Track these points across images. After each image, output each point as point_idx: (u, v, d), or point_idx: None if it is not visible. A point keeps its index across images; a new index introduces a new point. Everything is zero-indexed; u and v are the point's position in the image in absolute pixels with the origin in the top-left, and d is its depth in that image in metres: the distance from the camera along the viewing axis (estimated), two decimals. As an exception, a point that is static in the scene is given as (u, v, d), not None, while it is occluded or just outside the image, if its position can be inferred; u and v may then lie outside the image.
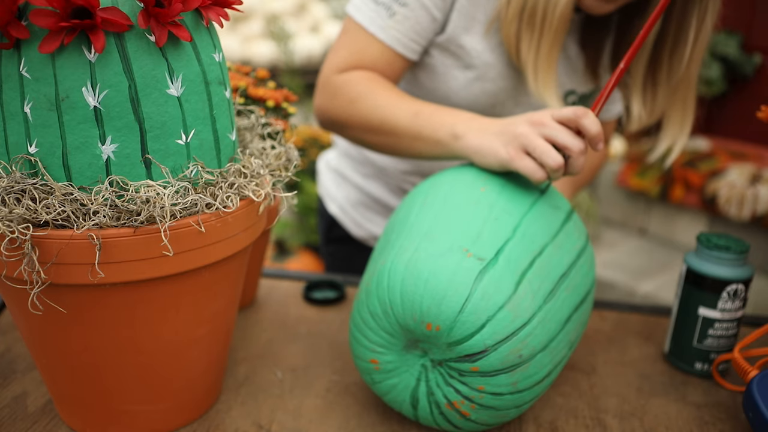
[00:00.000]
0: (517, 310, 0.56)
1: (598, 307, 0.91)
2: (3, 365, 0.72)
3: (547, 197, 0.67)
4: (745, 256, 0.72)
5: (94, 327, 0.54)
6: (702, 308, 0.72)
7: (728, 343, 0.73)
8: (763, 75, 2.66)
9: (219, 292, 0.59)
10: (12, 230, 0.48)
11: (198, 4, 0.51)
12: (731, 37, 2.68)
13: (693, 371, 0.75)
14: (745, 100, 2.70)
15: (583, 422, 0.66)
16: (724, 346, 0.73)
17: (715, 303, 0.71)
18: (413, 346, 0.60)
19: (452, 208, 0.63)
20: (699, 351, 0.74)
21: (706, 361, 0.74)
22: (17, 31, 0.47)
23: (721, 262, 0.71)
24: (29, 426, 0.62)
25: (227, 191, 0.55)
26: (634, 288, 2.35)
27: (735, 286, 0.71)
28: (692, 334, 0.74)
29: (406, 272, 0.58)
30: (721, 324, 0.72)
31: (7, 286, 0.53)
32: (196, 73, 0.53)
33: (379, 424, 0.65)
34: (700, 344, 0.73)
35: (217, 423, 0.64)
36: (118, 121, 0.49)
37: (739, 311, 0.72)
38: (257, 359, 0.75)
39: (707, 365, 0.74)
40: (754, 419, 0.59)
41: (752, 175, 2.36)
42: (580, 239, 0.66)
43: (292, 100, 0.74)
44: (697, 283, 0.73)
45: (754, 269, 0.72)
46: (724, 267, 0.71)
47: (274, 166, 0.62)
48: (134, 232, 0.50)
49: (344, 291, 0.91)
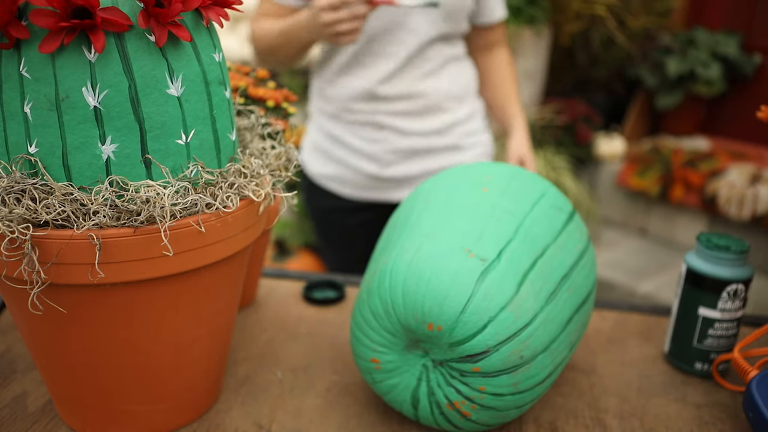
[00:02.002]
0: (519, 311, 0.56)
1: (598, 307, 0.91)
2: (3, 365, 0.72)
3: (549, 197, 0.67)
4: (745, 256, 0.72)
5: (94, 327, 0.54)
6: (702, 308, 0.72)
7: (728, 343, 0.73)
8: (763, 75, 2.66)
9: (219, 292, 0.59)
10: (12, 230, 0.48)
11: (198, 4, 0.51)
12: (731, 37, 2.68)
13: (693, 371, 0.75)
14: (745, 100, 2.70)
15: (583, 422, 0.66)
16: (724, 346, 0.73)
17: (715, 303, 0.71)
18: (414, 346, 0.60)
19: (454, 208, 0.63)
20: (699, 351, 0.74)
21: (706, 361, 0.74)
22: (17, 31, 0.47)
23: (721, 262, 0.71)
24: (29, 426, 0.62)
25: (227, 191, 0.55)
26: (634, 288, 2.35)
27: (735, 286, 0.71)
28: (692, 334, 0.74)
29: (408, 272, 0.58)
30: (721, 324, 0.72)
31: (7, 286, 0.53)
32: (196, 73, 0.53)
33: (379, 424, 0.65)
34: (700, 344, 0.73)
35: (217, 423, 0.64)
36: (118, 121, 0.49)
37: (739, 311, 0.72)
38: (257, 359, 0.75)
39: (707, 365, 0.74)
40: (754, 419, 0.59)
41: (752, 175, 2.36)
42: (582, 240, 0.66)
43: (292, 100, 0.74)
44: (697, 283, 0.73)
45: (754, 269, 0.72)
46: (724, 267, 0.71)
47: (274, 166, 0.62)
48: (134, 232, 0.50)
49: (344, 291, 0.91)
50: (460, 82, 1.25)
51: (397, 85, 1.19)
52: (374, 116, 1.21)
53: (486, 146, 1.33)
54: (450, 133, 1.25)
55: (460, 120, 1.26)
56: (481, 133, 1.32)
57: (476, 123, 1.31)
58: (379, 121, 1.21)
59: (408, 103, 1.20)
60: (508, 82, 1.33)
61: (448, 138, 1.25)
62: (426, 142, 1.23)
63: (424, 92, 1.20)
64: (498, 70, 1.33)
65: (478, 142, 1.31)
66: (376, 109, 1.21)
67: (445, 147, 1.26)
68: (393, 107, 1.20)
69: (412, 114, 1.21)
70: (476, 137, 1.30)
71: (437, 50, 1.19)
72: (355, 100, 1.21)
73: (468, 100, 1.28)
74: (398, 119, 1.21)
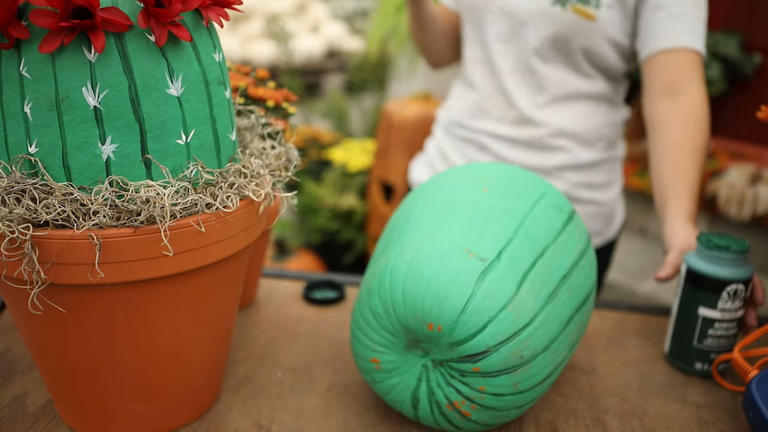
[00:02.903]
0: (519, 311, 0.56)
1: (598, 307, 0.91)
2: (3, 365, 0.72)
3: (549, 198, 0.67)
4: (745, 256, 0.72)
5: (94, 327, 0.54)
6: (702, 308, 0.72)
7: (728, 343, 0.73)
8: (763, 75, 2.66)
9: (219, 292, 0.59)
10: (12, 230, 0.48)
11: (198, 4, 0.51)
12: (731, 37, 2.68)
13: (693, 371, 0.75)
14: (745, 100, 2.70)
15: (583, 422, 0.66)
16: (724, 346, 0.73)
17: (715, 303, 0.71)
18: (414, 346, 0.60)
19: (454, 208, 0.63)
20: (699, 351, 0.74)
21: (706, 361, 0.74)
22: (17, 31, 0.47)
23: (721, 262, 0.71)
24: (29, 426, 0.62)
25: (227, 191, 0.55)
26: (634, 288, 2.35)
27: (735, 286, 0.71)
28: (692, 334, 0.74)
29: (408, 272, 0.58)
30: (721, 324, 0.72)
31: (7, 286, 0.53)
32: (196, 73, 0.53)
33: (379, 424, 0.65)
34: (700, 344, 0.73)
35: (217, 423, 0.64)
36: (118, 121, 0.49)
37: (739, 311, 0.72)
38: (257, 359, 0.75)
39: (707, 365, 0.74)
40: (754, 419, 0.59)
41: (752, 175, 2.36)
42: (582, 240, 0.66)
43: (292, 100, 0.74)
44: (697, 283, 0.73)
45: (754, 269, 0.72)
46: (723, 267, 0.71)
47: (274, 166, 0.62)
48: (134, 232, 0.50)
49: (344, 291, 0.91)
50: (590, 123, 1.05)
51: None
52: (478, 135, 1.10)
53: (604, 207, 1.10)
54: (560, 177, 1.06)
55: (578, 165, 1.06)
56: (604, 189, 1.10)
57: (600, 176, 1.08)
58: (482, 141, 1.09)
59: (516, 129, 1.06)
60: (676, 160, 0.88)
61: (556, 183, 1.06)
62: None
63: (535, 120, 1.04)
64: (664, 136, 0.90)
65: (595, 200, 1.09)
66: (482, 128, 1.09)
67: None
68: (499, 129, 1.07)
69: (517, 142, 1.07)
70: (594, 192, 1.08)
71: (563, 78, 1.02)
72: (466, 114, 1.12)
73: (598, 146, 1.06)
74: (503, 145, 1.08)
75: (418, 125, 2.28)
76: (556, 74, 1.02)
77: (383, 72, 3.19)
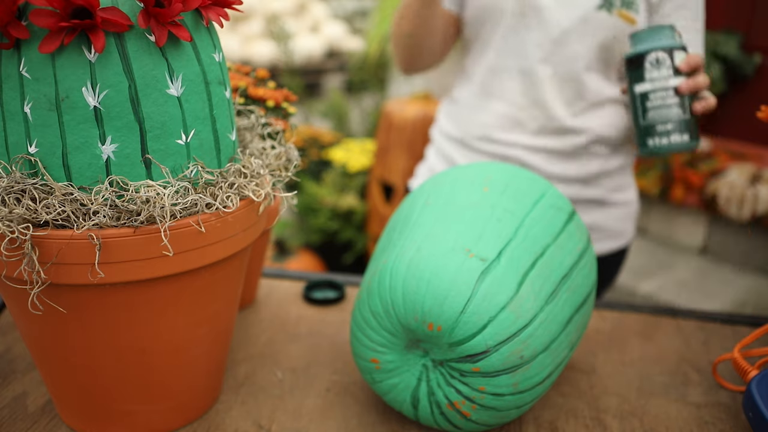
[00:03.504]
0: (519, 311, 0.56)
1: (598, 307, 0.91)
2: (3, 365, 0.72)
3: (549, 197, 0.67)
4: (667, 30, 0.78)
5: (94, 327, 0.54)
6: (636, 86, 0.79)
7: (672, 114, 0.79)
8: (763, 75, 2.66)
9: (219, 292, 0.59)
10: (12, 230, 0.48)
11: (198, 4, 0.51)
12: (731, 37, 2.67)
13: (649, 150, 0.81)
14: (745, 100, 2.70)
15: (583, 422, 0.66)
16: (668, 118, 0.78)
17: (643, 75, 0.77)
18: (414, 346, 0.60)
19: (454, 208, 0.63)
20: (646, 127, 0.80)
21: (655, 135, 0.78)
22: (17, 31, 0.47)
23: (641, 39, 0.78)
24: (29, 426, 0.62)
25: (227, 191, 0.55)
26: (634, 288, 2.35)
27: (655, 54, 0.76)
28: (637, 113, 0.79)
29: (407, 272, 0.58)
30: (655, 94, 0.77)
31: (7, 286, 0.53)
32: (196, 73, 0.53)
33: (379, 424, 0.65)
34: (645, 120, 0.79)
35: (217, 423, 0.64)
36: (118, 121, 0.49)
37: (670, 79, 0.77)
38: (257, 359, 0.75)
39: (657, 138, 0.78)
40: (754, 419, 0.59)
41: (752, 175, 2.36)
42: (582, 240, 0.66)
43: (292, 100, 0.74)
44: (629, 67, 0.79)
45: (680, 41, 0.78)
46: (644, 42, 0.78)
47: (274, 166, 0.62)
48: (134, 232, 0.50)
49: (344, 291, 0.91)
50: (620, 126, 1.04)
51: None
52: (512, 149, 1.05)
53: (632, 206, 1.14)
54: (598, 184, 1.07)
55: (611, 171, 1.07)
56: (629, 189, 1.13)
57: (626, 178, 1.11)
58: (516, 155, 1.04)
59: (556, 140, 1.03)
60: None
61: (593, 190, 1.07)
62: (567, 190, 1.05)
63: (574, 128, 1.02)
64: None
65: (625, 201, 1.12)
66: (517, 141, 1.04)
67: (588, 200, 1.07)
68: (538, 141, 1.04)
69: (556, 153, 1.04)
70: (623, 194, 1.11)
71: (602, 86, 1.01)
72: (494, 127, 1.06)
73: (624, 149, 1.08)
74: (542, 158, 1.04)
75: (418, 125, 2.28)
76: (596, 83, 1.01)
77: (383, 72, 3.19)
